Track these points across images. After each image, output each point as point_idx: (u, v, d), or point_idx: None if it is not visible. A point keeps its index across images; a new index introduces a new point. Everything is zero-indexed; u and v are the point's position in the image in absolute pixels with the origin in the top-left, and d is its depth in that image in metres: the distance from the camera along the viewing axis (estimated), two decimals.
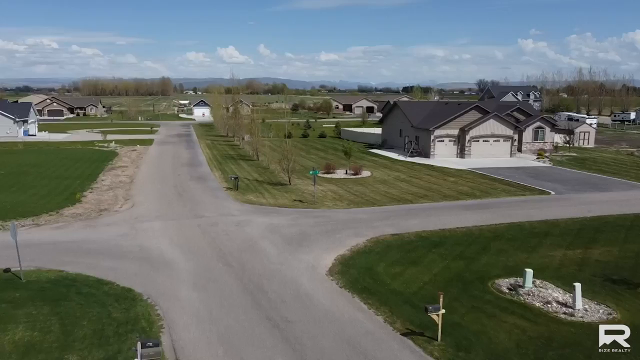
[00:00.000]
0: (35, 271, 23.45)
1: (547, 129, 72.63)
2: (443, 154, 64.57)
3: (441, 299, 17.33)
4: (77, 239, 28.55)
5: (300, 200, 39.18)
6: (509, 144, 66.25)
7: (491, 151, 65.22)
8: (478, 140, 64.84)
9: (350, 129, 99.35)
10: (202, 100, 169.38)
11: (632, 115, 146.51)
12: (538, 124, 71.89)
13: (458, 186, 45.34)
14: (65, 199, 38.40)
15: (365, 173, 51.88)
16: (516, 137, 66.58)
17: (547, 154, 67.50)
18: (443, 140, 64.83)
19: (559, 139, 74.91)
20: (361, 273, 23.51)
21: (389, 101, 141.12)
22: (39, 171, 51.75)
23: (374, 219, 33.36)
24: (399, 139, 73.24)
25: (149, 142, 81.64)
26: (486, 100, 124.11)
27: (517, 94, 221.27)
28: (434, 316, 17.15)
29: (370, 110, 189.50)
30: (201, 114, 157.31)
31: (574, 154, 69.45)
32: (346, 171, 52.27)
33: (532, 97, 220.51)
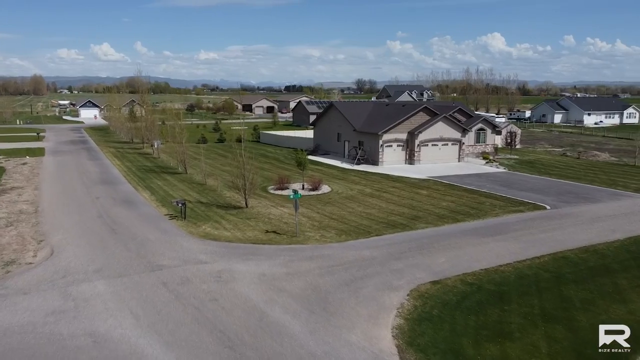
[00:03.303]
0: None
1: (489, 131, 69.65)
2: (392, 161, 58.84)
3: None
4: None
5: (275, 232, 30.91)
6: (457, 147, 62.03)
7: (440, 156, 60.66)
8: (427, 145, 59.87)
9: (271, 132, 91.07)
10: (89, 101, 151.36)
11: (527, 114, 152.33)
12: (480, 125, 68.64)
13: (439, 201, 39.52)
14: None
15: (325, 188, 44.39)
16: (464, 140, 62.50)
17: (492, 157, 64.23)
18: (391, 146, 59.04)
19: (498, 140, 72.29)
20: None
21: (300, 101, 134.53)
22: None
23: (385, 257, 26.12)
24: (337, 144, 66.52)
25: (40, 152, 67.84)
26: (409, 101, 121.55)
27: (412, 93, 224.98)
28: None
29: (270, 110, 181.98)
30: (92, 116, 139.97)
31: (516, 157, 67.03)
32: (302, 186, 44.45)
33: (425, 96, 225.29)
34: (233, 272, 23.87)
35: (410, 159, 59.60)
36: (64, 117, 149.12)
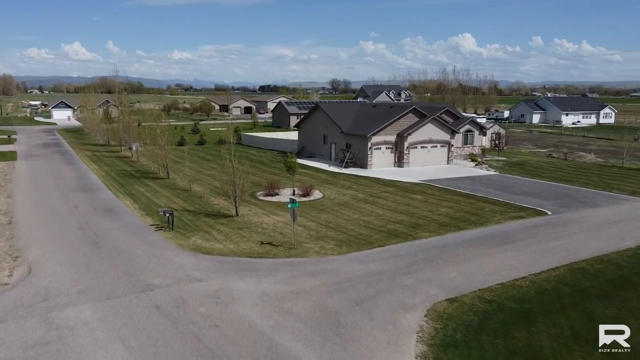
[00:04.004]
0: None
1: (476, 132, 68.66)
2: (380, 164, 57.31)
3: None
4: None
5: (270, 243, 29.00)
6: (445, 149, 60.80)
7: (429, 158, 59.35)
8: (416, 147, 58.50)
9: (252, 133, 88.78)
10: (62, 101, 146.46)
11: (506, 114, 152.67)
12: (467, 127, 67.57)
13: (437, 207, 38.09)
14: None
15: (316, 193, 42.58)
16: (453, 142, 61.33)
17: (480, 159, 63.25)
18: (380, 148, 57.49)
19: (485, 142, 71.35)
20: None
21: (280, 101, 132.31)
22: None
23: (393, 271, 24.48)
24: (323, 146, 64.73)
25: (12, 156, 64.47)
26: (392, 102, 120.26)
27: (389, 93, 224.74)
28: None
29: (248, 110, 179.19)
30: (65, 117, 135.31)
31: (504, 158, 66.18)
32: (293, 192, 42.56)
33: (403, 96, 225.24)
34: (232, 291, 21.90)
35: (400, 161, 58.15)
36: (36, 119, 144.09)
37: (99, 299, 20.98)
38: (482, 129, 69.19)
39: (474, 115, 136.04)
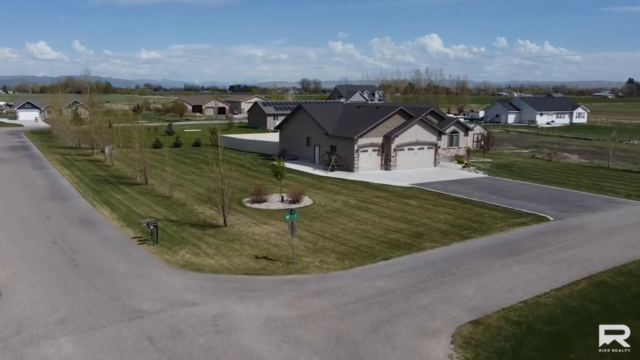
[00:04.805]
0: None
1: (461, 134, 67.50)
2: (367, 166, 55.47)
3: None
4: None
5: (266, 257, 26.75)
6: (432, 151, 59.31)
7: (416, 161, 57.78)
8: (403, 149, 56.84)
9: (231, 135, 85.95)
10: (28, 102, 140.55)
11: (481, 114, 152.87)
12: (453, 128, 66.36)
13: (434, 213, 36.42)
14: None
15: (306, 200, 40.43)
16: (440, 143, 59.88)
17: (467, 161, 62.01)
18: (367, 151, 55.64)
19: (471, 143, 70.19)
20: None
21: (256, 102, 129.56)
22: None
23: (405, 288, 22.56)
24: (306, 149, 62.57)
25: None
26: (373, 103, 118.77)
27: (363, 93, 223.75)
28: None
29: (221, 111, 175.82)
30: (32, 118, 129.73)
31: (490, 160, 65.11)
32: (282, 198, 40.33)
33: (377, 96, 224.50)
34: (232, 316, 19.60)
35: (386, 164, 56.42)
36: (1, 120, 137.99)
37: (81, 330, 18.43)
38: (467, 130, 68.02)
39: (451, 116, 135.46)
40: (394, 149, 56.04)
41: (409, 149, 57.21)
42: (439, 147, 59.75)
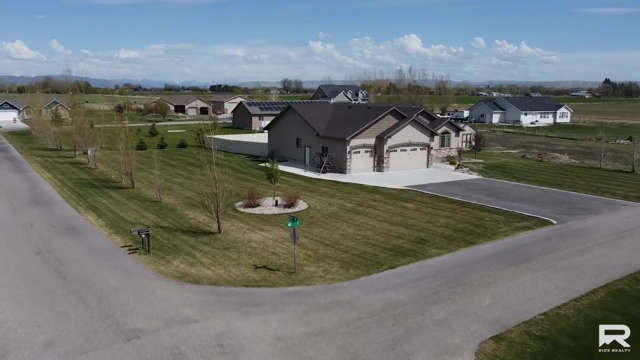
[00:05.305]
0: None
1: (453, 134, 66.71)
2: (360, 168, 54.29)
3: None
4: None
5: (265, 267, 25.32)
6: (425, 152, 58.32)
7: (409, 162, 56.76)
8: (396, 150, 55.75)
9: (218, 136, 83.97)
10: (6, 102, 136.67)
11: (466, 114, 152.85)
12: (444, 128, 65.51)
13: (434, 217, 35.36)
14: None
15: (301, 204, 39.06)
16: (432, 144, 58.91)
17: (459, 162, 61.18)
18: (359, 152, 54.43)
19: (460, 143, 69.44)
20: None
21: (241, 102, 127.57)
22: None
23: (417, 300, 21.34)
24: (296, 150, 61.17)
25: None
26: (362, 103, 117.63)
27: (347, 93, 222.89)
28: None
29: (204, 111, 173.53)
30: (10, 119, 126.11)
31: (481, 161, 64.39)
32: (276, 202, 38.91)
33: (360, 96, 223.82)
34: (236, 335, 18.15)
35: (379, 165, 55.28)
36: None
37: (72, 353, 16.85)
38: (458, 130, 67.24)
39: (438, 115, 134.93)
40: (387, 150, 54.93)
41: (401, 150, 56.14)
42: (432, 148, 58.76)
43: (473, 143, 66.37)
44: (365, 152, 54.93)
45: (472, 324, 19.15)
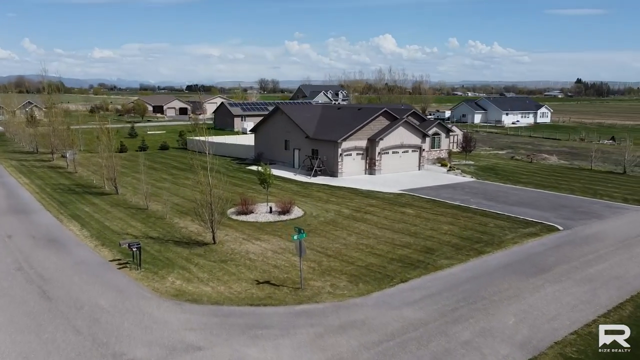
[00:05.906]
0: None
1: (443, 135, 65.64)
2: (351, 171, 52.78)
3: None
4: None
5: (269, 282, 23.58)
6: (417, 154, 57.08)
7: (401, 164, 55.48)
8: (388, 152, 54.39)
9: (198, 137, 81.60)
10: None
11: (447, 114, 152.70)
12: (435, 129, 64.38)
13: (437, 224, 34.02)
14: None
15: (296, 210, 37.35)
16: (424, 146, 57.69)
17: (450, 164, 60.13)
18: (350, 154, 52.91)
19: (451, 145, 68.47)
20: None
21: (222, 102, 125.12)
22: None
23: (437, 319, 19.86)
24: (285, 153, 59.39)
25: None
26: (355, 105, 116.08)
27: (327, 93, 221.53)
28: None
29: (183, 111, 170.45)
30: None
31: (472, 162, 63.49)
32: (270, 209, 37.11)
33: (340, 96, 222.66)
34: None
35: (371, 168, 53.85)
36: None
37: None
38: (448, 132, 66.24)
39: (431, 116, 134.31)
40: (379, 153, 53.50)
41: (393, 152, 54.80)
42: (423, 149, 57.55)
43: (463, 144, 65.38)
44: (357, 154, 53.44)
45: (502, 347, 17.70)
